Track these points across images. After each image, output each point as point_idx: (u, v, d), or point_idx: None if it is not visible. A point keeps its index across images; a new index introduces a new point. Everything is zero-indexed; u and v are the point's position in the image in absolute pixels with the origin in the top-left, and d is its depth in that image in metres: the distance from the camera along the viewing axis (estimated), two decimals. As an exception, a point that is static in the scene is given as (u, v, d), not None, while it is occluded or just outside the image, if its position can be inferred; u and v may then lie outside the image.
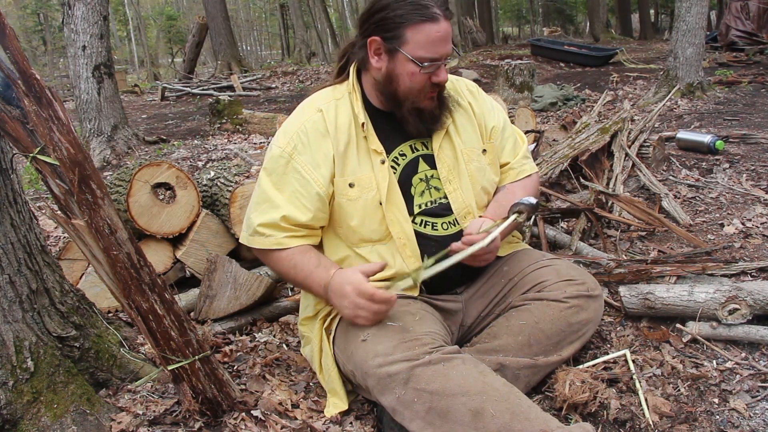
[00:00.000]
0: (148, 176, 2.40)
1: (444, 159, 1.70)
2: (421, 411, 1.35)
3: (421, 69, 1.53)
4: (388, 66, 1.57)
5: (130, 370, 1.67)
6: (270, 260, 1.66)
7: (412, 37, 1.51)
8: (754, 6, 9.69)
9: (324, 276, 1.56)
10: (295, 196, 1.59)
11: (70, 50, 5.45)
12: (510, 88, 6.54)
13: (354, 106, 1.64)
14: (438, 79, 1.56)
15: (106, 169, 5.28)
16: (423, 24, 1.50)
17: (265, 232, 1.60)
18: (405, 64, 1.54)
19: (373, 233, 1.63)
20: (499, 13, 33.04)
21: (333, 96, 1.67)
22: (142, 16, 30.56)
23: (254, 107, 8.61)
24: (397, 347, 1.42)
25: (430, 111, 1.63)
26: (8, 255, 1.43)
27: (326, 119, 1.62)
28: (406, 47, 1.52)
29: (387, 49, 1.55)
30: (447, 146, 1.71)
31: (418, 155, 1.70)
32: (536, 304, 1.66)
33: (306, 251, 1.61)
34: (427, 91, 1.58)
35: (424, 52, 1.51)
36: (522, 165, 1.84)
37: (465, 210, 1.70)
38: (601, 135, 3.39)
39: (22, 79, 1.26)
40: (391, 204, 1.62)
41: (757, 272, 2.19)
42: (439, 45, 1.52)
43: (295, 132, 1.62)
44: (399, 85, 1.57)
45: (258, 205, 1.63)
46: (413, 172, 1.68)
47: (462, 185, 1.71)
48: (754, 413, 1.56)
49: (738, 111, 5.29)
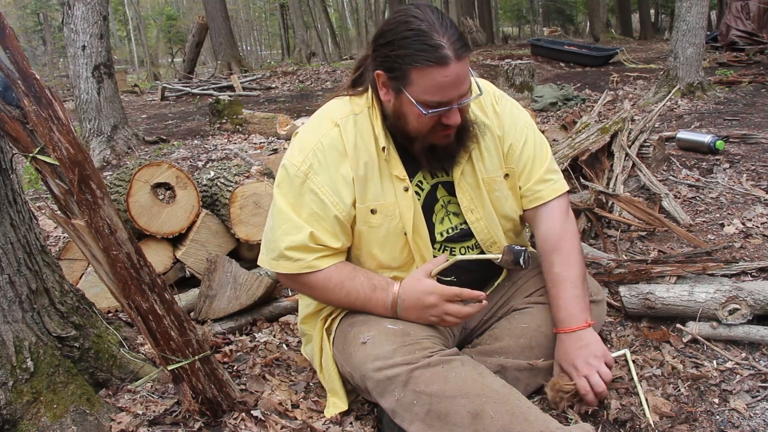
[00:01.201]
0: (148, 176, 2.40)
1: (465, 188, 1.59)
2: (420, 413, 1.35)
3: (427, 114, 1.39)
4: (395, 103, 1.44)
5: (130, 370, 1.67)
6: (299, 283, 1.56)
7: (417, 81, 1.36)
8: (755, 6, 9.68)
9: (386, 298, 1.50)
10: (314, 218, 1.49)
11: (70, 50, 5.45)
12: (510, 88, 6.54)
13: (374, 126, 1.50)
14: (448, 121, 1.42)
15: (106, 169, 5.28)
16: (429, 68, 1.33)
17: (294, 255, 1.49)
18: (410, 106, 1.40)
19: (393, 261, 1.57)
20: (499, 13, 33.05)
21: (351, 110, 1.53)
22: (142, 16, 30.57)
23: (254, 107, 8.61)
24: (396, 351, 1.41)
25: (444, 148, 1.50)
26: (8, 255, 1.43)
27: (344, 137, 1.49)
28: (411, 90, 1.38)
29: (393, 88, 1.43)
30: (469, 173, 1.59)
31: (437, 182, 1.60)
32: (539, 307, 1.66)
33: (352, 275, 1.52)
34: (438, 131, 1.45)
35: (430, 96, 1.36)
36: (535, 193, 1.65)
37: (490, 240, 1.62)
38: (601, 135, 3.39)
39: (22, 79, 1.26)
40: (416, 234, 1.54)
41: (758, 272, 2.19)
42: (448, 90, 1.36)
43: (311, 150, 1.49)
44: (407, 124, 1.45)
45: (279, 227, 1.50)
46: (435, 200, 1.60)
47: (486, 215, 1.60)
48: (755, 413, 1.56)
49: (738, 111, 5.29)
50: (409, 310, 1.50)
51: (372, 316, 1.55)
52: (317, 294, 1.58)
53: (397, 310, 1.51)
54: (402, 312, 1.51)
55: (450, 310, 1.47)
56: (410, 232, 1.53)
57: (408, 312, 1.50)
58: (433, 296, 1.46)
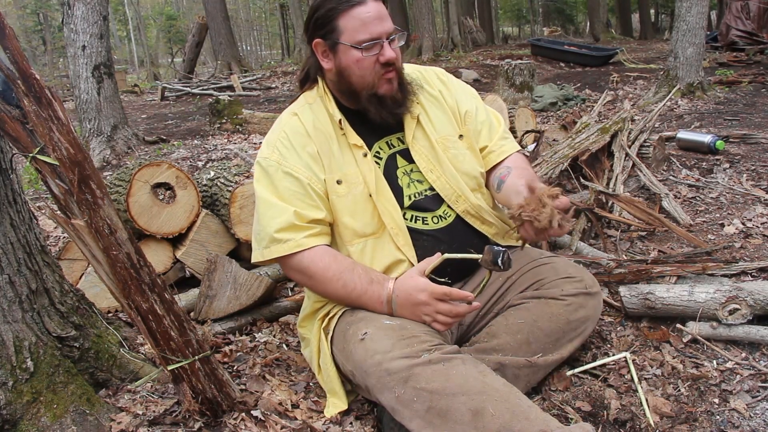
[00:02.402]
0: (148, 176, 2.40)
1: (420, 150, 1.70)
2: (420, 410, 1.35)
3: (363, 51, 1.54)
4: (336, 62, 1.59)
5: (129, 370, 1.67)
6: (297, 270, 1.61)
7: (345, 25, 1.54)
8: (755, 6, 9.69)
9: (381, 291, 1.54)
10: (294, 197, 1.59)
11: (70, 50, 5.45)
12: (510, 88, 6.54)
13: (328, 107, 1.66)
14: (385, 58, 1.56)
15: (105, 169, 5.28)
16: (351, 9, 1.52)
17: (283, 236, 1.57)
18: (348, 53, 1.56)
19: (366, 227, 1.63)
20: (499, 13, 33.05)
21: (305, 101, 1.70)
22: (142, 16, 30.59)
23: (254, 107, 8.62)
24: (395, 345, 1.42)
25: (391, 96, 1.62)
26: (8, 255, 1.43)
27: (303, 121, 1.65)
28: (343, 37, 1.55)
29: (329, 47, 1.58)
30: (421, 136, 1.71)
31: (394, 151, 1.71)
32: (534, 302, 1.66)
33: (351, 268, 1.57)
34: (380, 73, 1.58)
35: (360, 35, 1.53)
36: (501, 146, 1.81)
37: (455, 194, 1.70)
38: (601, 135, 3.39)
39: (22, 79, 1.26)
40: (380, 195, 1.64)
41: (758, 272, 2.19)
42: (373, 25, 1.53)
43: (276, 139, 1.65)
44: (351, 77, 1.59)
45: (265, 214, 1.61)
46: (395, 167, 1.70)
47: (445, 172, 1.70)
48: (755, 413, 1.56)
49: (738, 111, 5.29)
50: (403, 307, 1.53)
51: (369, 314, 1.56)
52: (316, 284, 1.61)
53: (392, 305, 1.54)
54: (396, 308, 1.54)
55: (441, 308, 1.49)
56: (375, 194, 1.62)
57: (402, 308, 1.53)
58: (424, 294, 1.49)
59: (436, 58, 13.48)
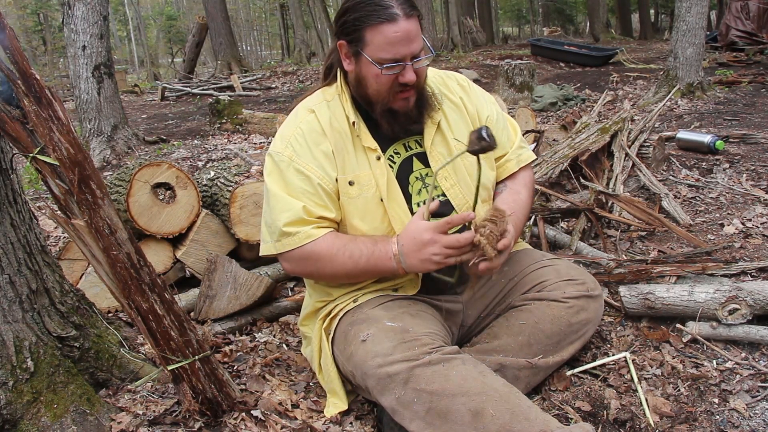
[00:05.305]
0: (148, 176, 2.40)
1: (437, 156, 1.67)
2: (420, 411, 1.35)
3: (382, 71, 1.50)
4: (356, 69, 1.57)
5: (130, 370, 1.67)
6: (306, 260, 1.58)
7: (371, 39, 1.48)
8: (754, 6, 9.69)
9: (388, 248, 1.53)
10: (304, 194, 1.58)
11: (70, 50, 5.45)
12: (510, 88, 6.54)
13: (344, 106, 1.63)
14: (404, 80, 1.51)
15: (106, 169, 5.28)
16: (380, 25, 1.46)
17: (292, 230, 1.56)
18: (368, 66, 1.52)
19: (375, 231, 1.62)
20: (499, 13, 33.05)
21: (323, 97, 1.67)
22: (142, 16, 30.59)
23: (254, 107, 8.61)
24: (396, 347, 1.42)
25: (405, 113, 1.59)
26: (8, 255, 1.43)
27: (320, 119, 1.62)
28: (367, 49, 1.50)
29: (352, 52, 1.55)
30: (440, 142, 1.68)
31: (411, 154, 1.68)
32: (536, 304, 1.66)
33: (353, 238, 1.58)
34: (396, 92, 1.55)
35: (384, 53, 1.48)
36: (519, 155, 1.81)
37: (467, 204, 1.68)
38: (601, 135, 3.39)
39: (22, 79, 1.26)
40: (391, 200, 1.61)
41: (757, 272, 2.19)
42: (399, 45, 1.47)
43: (291, 135, 1.62)
44: (367, 88, 1.56)
45: (275, 207, 1.59)
46: (409, 171, 1.67)
47: (459, 181, 1.68)
48: (754, 413, 1.56)
49: (738, 111, 5.29)
50: (410, 255, 1.50)
51: (371, 315, 1.55)
52: (325, 264, 1.58)
53: (400, 259, 1.52)
54: (405, 259, 1.51)
55: (446, 241, 1.46)
56: (386, 199, 1.60)
57: (409, 257, 1.50)
58: (428, 232, 1.47)
59: (436, 58, 13.48)
